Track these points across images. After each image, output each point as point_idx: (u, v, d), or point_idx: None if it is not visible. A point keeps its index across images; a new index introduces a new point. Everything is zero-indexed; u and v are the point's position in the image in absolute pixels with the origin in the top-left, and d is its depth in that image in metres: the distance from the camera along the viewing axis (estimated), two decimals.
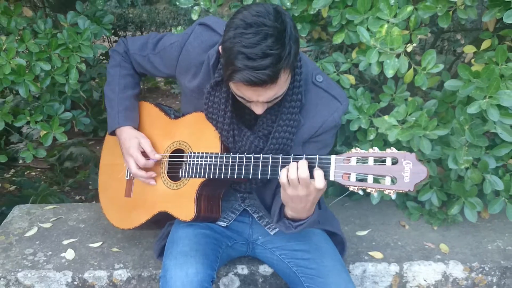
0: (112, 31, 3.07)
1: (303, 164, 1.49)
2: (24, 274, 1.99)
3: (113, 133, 1.98)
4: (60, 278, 1.99)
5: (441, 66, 1.83)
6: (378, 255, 2.06)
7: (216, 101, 1.70)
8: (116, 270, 2.00)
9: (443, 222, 2.23)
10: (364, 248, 2.11)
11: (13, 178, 3.89)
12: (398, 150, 1.40)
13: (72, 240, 2.19)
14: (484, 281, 2.03)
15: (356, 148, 1.47)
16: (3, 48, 2.19)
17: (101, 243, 2.16)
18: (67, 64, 2.25)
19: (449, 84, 1.86)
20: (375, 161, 1.41)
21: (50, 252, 2.11)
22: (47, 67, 2.21)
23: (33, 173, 4.12)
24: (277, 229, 1.89)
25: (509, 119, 1.76)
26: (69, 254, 2.10)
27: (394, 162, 1.39)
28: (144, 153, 1.88)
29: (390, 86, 2.06)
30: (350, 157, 1.45)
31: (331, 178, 1.47)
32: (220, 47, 1.56)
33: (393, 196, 1.42)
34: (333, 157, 1.48)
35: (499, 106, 1.73)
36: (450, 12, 1.83)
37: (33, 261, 2.06)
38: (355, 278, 2.01)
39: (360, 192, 1.45)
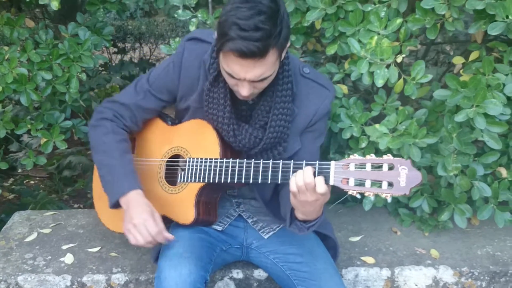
0: (111, 42, 3.14)
1: (308, 170, 1.55)
2: (24, 278, 2.03)
3: (116, 203, 1.79)
4: (59, 282, 2.03)
5: (430, 76, 1.90)
6: (370, 260, 2.10)
7: (215, 96, 1.75)
8: (114, 274, 2.04)
9: (434, 228, 2.27)
10: (357, 253, 2.15)
11: (12, 187, 3.94)
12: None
13: (71, 245, 2.23)
14: (474, 286, 2.08)
15: (354, 154, 1.54)
16: (6, 58, 2.25)
17: (99, 248, 2.20)
18: (68, 73, 2.32)
19: (438, 93, 1.92)
20: (372, 166, 1.49)
21: (50, 257, 2.15)
22: (48, 76, 2.27)
23: (32, 182, 4.17)
24: (270, 233, 1.95)
25: (496, 127, 1.82)
26: (68, 258, 2.13)
27: (391, 167, 1.47)
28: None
29: (381, 96, 2.12)
30: (349, 163, 1.52)
31: (331, 182, 1.54)
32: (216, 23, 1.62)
33: (389, 200, 1.51)
34: (332, 163, 1.55)
35: (486, 115, 1.80)
36: (438, 25, 1.91)
37: (33, 265, 2.10)
38: (348, 283, 2.06)
39: (358, 196, 1.52)
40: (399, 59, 1.91)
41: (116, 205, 1.80)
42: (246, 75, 1.57)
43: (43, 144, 2.39)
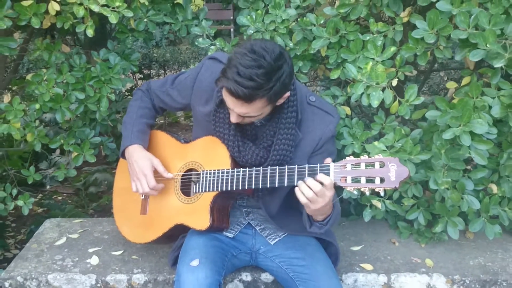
0: (138, 69, 3.41)
1: (311, 180, 1.76)
2: (54, 277, 2.25)
3: (123, 155, 2.20)
4: (85, 281, 2.24)
5: (422, 99, 2.11)
6: (368, 267, 2.27)
7: (221, 116, 1.98)
8: (135, 274, 2.25)
9: (429, 240, 2.44)
10: (357, 261, 2.33)
11: (42, 201, 4.21)
12: None
13: (96, 248, 2.45)
14: None
15: (350, 156, 1.75)
16: (44, 79, 2.51)
17: (122, 251, 2.42)
18: (99, 94, 2.57)
19: (429, 114, 2.11)
20: (366, 165, 1.69)
21: (77, 258, 2.38)
22: (81, 96, 2.53)
23: (60, 198, 4.43)
24: (276, 240, 2.15)
25: (482, 145, 2.00)
26: (94, 260, 2.35)
27: (382, 165, 1.67)
28: (155, 172, 2.11)
29: (381, 117, 2.33)
30: (346, 163, 1.73)
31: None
32: None
33: (382, 194, 1.70)
34: (331, 164, 1.76)
35: (473, 133, 1.98)
36: (428, 52, 2.11)
37: (61, 265, 2.32)
38: (348, 287, 2.23)
39: (355, 192, 1.72)
40: (394, 83, 2.12)
41: (123, 155, 2.20)
42: (234, 109, 1.82)
43: (74, 157, 2.63)
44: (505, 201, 2.27)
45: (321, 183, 1.74)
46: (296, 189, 1.80)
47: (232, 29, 9.80)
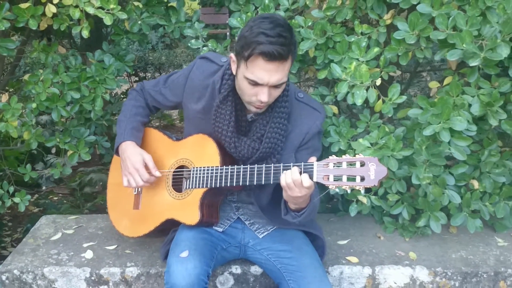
0: (133, 71, 3.49)
1: (295, 169, 1.85)
2: (49, 270, 2.32)
3: (117, 152, 2.28)
4: (80, 274, 2.31)
5: (404, 97, 2.19)
6: (354, 259, 2.35)
7: (223, 112, 2.05)
8: (128, 268, 2.32)
9: (413, 234, 2.53)
10: (343, 254, 2.41)
11: (38, 201, 4.27)
12: None
13: (91, 243, 2.52)
14: (448, 285, 2.31)
15: (333, 155, 1.83)
16: (41, 79, 2.59)
17: (116, 246, 2.49)
18: (94, 94, 2.65)
19: (412, 112, 2.20)
20: (347, 164, 1.77)
21: (72, 253, 2.44)
22: (76, 95, 2.61)
23: (56, 198, 4.50)
24: (265, 233, 2.22)
25: (462, 141, 2.08)
26: (88, 254, 2.42)
27: (362, 164, 1.75)
28: (146, 168, 2.18)
29: (366, 115, 2.41)
30: (328, 162, 1.80)
31: (315, 179, 1.82)
32: (233, 53, 1.94)
33: (362, 191, 1.80)
34: (315, 163, 1.83)
35: (453, 130, 2.06)
36: (410, 53, 2.20)
37: (57, 259, 2.39)
38: (334, 279, 2.31)
39: (337, 190, 1.80)
40: (378, 82, 2.21)
41: (117, 152, 2.27)
42: (270, 79, 1.85)
43: (69, 155, 2.71)
44: (486, 196, 2.36)
45: (301, 180, 1.83)
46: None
47: (228, 33, 9.89)
